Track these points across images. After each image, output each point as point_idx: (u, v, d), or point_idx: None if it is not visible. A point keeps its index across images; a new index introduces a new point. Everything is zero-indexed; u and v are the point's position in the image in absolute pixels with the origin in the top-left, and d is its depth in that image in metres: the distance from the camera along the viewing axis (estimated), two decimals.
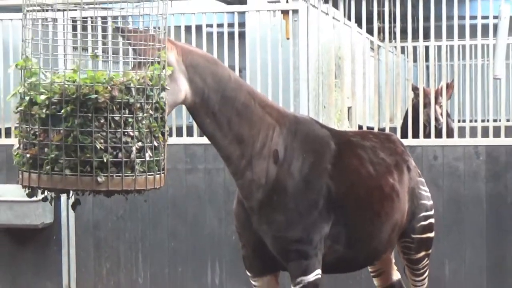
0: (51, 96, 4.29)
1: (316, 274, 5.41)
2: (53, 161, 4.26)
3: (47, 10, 4.86)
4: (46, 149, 4.27)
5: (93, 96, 4.28)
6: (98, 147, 4.25)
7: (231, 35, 8.82)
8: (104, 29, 6.07)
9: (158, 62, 4.62)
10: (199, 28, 8.69)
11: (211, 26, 8.70)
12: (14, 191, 8.71)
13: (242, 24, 8.89)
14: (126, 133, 4.35)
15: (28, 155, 4.30)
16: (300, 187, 5.39)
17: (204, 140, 5.28)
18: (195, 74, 4.95)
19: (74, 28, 5.18)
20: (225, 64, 7.12)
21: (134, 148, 4.35)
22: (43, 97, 4.29)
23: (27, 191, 4.61)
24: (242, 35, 8.82)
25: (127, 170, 4.33)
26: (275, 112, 5.49)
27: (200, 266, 8.68)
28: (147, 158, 4.41)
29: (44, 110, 4.28)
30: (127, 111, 4.35)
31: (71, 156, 4.23)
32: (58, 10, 5.06)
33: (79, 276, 8.86)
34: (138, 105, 4.38)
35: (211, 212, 8.58)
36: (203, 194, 8.50)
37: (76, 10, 5.33)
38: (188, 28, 8.65)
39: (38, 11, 4.82)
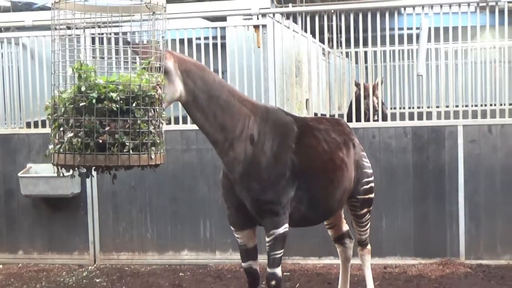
0: (119, 93, 4.39)
1: (284, 228, 5.45)
2: (122, 145, 4.38)
3: (70, 28, 4.84)
4: (117, 135, 4.35)
5: (151, 93, 4.50)
6: (153, 132, 4.54)
7: (214, 45, 8.79)
8: (116, 42, 6.06)
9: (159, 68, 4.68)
10: (190, 40, 8.64)
11: (199, 39, 8.67)
12: (49, 169, 8.66)
13: (223, 37, 8.85)
14: (159, 120, 4.63)
15: (100, 141, 4.33)
16: (271, 161, 5.42)
17: (196, 126, 5.26)
18: (187, 78, 4.99)
19: (93, 41, 5.18)
20: (211, 68, 7.13)
21: (163, 132, 4.73)
22: (114, 94, 4.37)
23: (62, 170, 4.64)
24: (223, 45, 8.79)
25: (155, 149, 4.58)
26: (250, 105, 5.51)
27: (194, 223, 8.68)
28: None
29: (115, 105, 4.35)
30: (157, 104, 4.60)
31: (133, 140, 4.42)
32: (80, 28, 5.05)
33: (101, 233, 8.84)
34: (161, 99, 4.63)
35: (202, 182, 8.58)
36: (196, 169, 8.50)
37: (93, 28, 5.31)
38: (181, 41, 8.61)
39: (64, 29, 4.81)
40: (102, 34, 5.85)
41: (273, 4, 8.93)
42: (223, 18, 8.99)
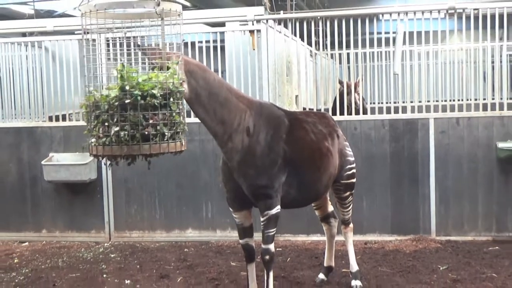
0: (158, 90, 4.51)
1: (277, 209, 5.48)
2: (162, 135, 4.54)
3: (88, 33, 4.85)
4: (159, 126, 4.49)
5: (182, 89, 4.71)
6: (182, 122, 4.75)
7: (215, 48, 8.79)
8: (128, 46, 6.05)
9: (168, 68, 4.73)
10: (193, 44, 8.64)
11: (201, 42, 8.66)
12: (69, 158, 8.75)
13: (222, 40, 8.85)
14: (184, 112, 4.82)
15: (146, 132, 4.47)
16: (265, 150, 5.43)
17: (199, 120, 5.27)
18: (191, 78, 5.00)
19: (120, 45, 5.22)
20: (211, 68, 7.11)
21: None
22: (155, 91, 4.48)
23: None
24: (222, 48, 8.78)
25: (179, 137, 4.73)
26: (246, 101, 5.53)
27: (197, 205, 8.69)
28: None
29: (156, 100, 4.47)
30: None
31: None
32: (98, 33, 5.05)
33: (115, 214, 8.84)
34: None
35: (204, 169, 8.59)
36: (198, 157, 8.50)
37: (109, 32, 5.32)
38: (185, 44, 8.60)
39: (87, 33, 4.84)
40: (128, 38, 5.90)
41: (266, 11, 8.93)
42: (222, 24, 8.98)
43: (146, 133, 4.47)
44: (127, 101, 4.42)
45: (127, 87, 4.45)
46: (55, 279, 7.04)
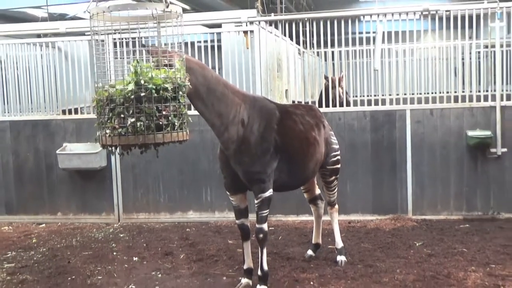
0: (169, 84, 4.53)
1: (269, 192, 5.49)
2: (181, 125, 4.64)
3: (96, 33, 4.83)
4: (170, 117, 4.53)
5: (187, 83, 4.74)
6: (187, 114, 4.77)
7: (212, 47, 8.77)
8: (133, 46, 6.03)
9: (170, 65, 4.72)
10: (192, 43, 8.61)
11: (200, 42, 8.62)
12: (81, 147, 8.74)
13: (219, 40, 8.82)
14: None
15: (160, 123, 4.49)
16: (258, 140, 5.43)
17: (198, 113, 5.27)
18: (191, 75, 4.98)
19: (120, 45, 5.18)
20: (209, 66, 7.10)
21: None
22: (168, 85, 4.52)
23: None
24: (219, 47, 8.77)
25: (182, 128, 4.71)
26: (240, 95, 5.52)
27: (198, 190, 8.69)
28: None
29: (169, 94, 4.51)
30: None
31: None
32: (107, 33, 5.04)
33: (123, 198, 8.84)
34: None
35: (203, 156, 8.58)
36: (198, 146, 8.49)
37: (116, 33, 5.29)
38: (185, 44, 8.57)
39: (96, 34, 4.83)
40: (134, 38, 5.90)
41: (258, 14, 8.90)
42: (218, 25, 8.94)
43: (160, 123, 4.49)
44: (142, 94, 4.42)
45: (142, 82, 4.46)
46: (70, 256, 7.05)
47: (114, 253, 7.14)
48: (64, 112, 9.22)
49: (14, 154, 9.10)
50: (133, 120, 4.42)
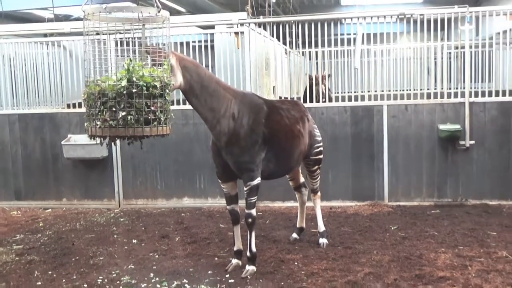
0: (158, 83, 4.57)
1: (258, 180, 5.50)
2: (164, 121, 4.64)
3: (98, 34, 4.82)
4: (157, 113, 4.56)
5: (172, 82, 4.77)
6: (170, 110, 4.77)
7: (206, 47, 8.73)
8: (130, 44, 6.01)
9: (160, 64, 4.74)
10: (187, 43, 8.57)
11: (194, 42, 8.58)
12: (85, 138, 8.62)
13: (212, 40, 8.79)
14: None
15: (148, 117, 4.52)
16: (248, 132, 5.43)
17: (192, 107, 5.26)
18: (186, 72, 4.98)
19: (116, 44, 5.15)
20: (203, 64, 7.06)
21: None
22: (157, 83, 4.55)
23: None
24: (212, 47, 8.74)
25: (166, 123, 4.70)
26: (231, 91, 5.52)
27: (192, 178, 8.68)
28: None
29: (157, 91, 4.55)
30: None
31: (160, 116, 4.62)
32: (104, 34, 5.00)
33: (123, 185, 8.81)
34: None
35: (197, 147, 8.56)
36: (192, 138, 8.47)
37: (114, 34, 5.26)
38: (181, 43, 8.53)
39: (93, 34, 4.81)
40: (122, 38, 5.85)
41: (248, 16, 8.91)
42: (212, 27, 8.90)
43: (148, 117, 4.50)
44: (134, 90, 4.43)
45: (134, 79, 4.46)
46: (74, 239, 7.02)
47: (115, 236, 7.12)
48: (68, 106, 9.21)
49: (23, 144, 9.05)
50: (124, 113, 4.44)
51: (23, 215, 8.56)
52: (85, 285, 5.36)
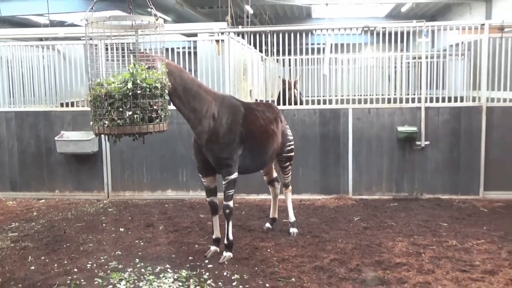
0: (158, 84, 4.62)
1: (235, 175, 5.49)
2: (164, 118, 4.68)
3: (91, 39, 4.77)
4: (159, 111, 4.62)
5: (169, 83, 4.80)
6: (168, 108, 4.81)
7: (189, 53, 8.69)
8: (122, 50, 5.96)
9: (154, 67, 4.75)
10: (172, 49, 8.52)
11: (179, 48, 8.53)
12: (77, 135, 8.59)
13: (195, 47, 8.75)
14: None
15: (152, 115, 4.57)
16: (226, 131, 5.41)
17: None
18: (170, 76, 4.95)
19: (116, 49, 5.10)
20: (186, 69, 7.02)
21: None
22: (158, 84, 4.58)
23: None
24: (195, 53, 8.69)
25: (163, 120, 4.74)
26: (212, 94, 5.50)
27: (175, 172, 8.63)
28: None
29: (159, 91, 4.61)
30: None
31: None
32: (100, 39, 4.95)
33: (112, 178, 8.72)
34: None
35: (180, 145, 8.51)
36: (176, 136, 8.41)
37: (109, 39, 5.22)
38: (167, 50, 8.47)
39: (90, 39, 4.78)
40: (124, 44, 5.83)
41: (228, 26, 8.86)
42: (195, 34, 8.85)
43: (152, 116, 4.57)
44: (138, 91, 4.49)
45: (138, 81, 4.51)
46: (65, 227, 6.92)
47: (104, 225, 7.04)
48: (62, 105, 9.09)
49: (19, 140, 8.88)
50: (130, 113, 4.49)
51: (18, 205, 8.40)
52: (76, 270, 5.29)
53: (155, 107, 4.58)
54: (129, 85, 4.48)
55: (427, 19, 9.25)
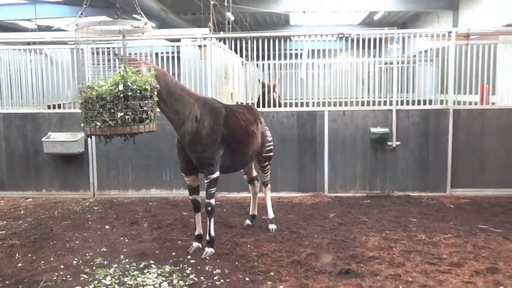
0: (148, 86, 4.58)
1: (217, 174, 5.47)
2: (154, 118, 4.63)
3: (76, 43, 4.72)
4: (149, 112, 4.58)
5: (158, 86, 4.77)
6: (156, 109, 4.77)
7: (173, 57, 8.62)
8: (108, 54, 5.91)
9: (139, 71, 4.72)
10: (157, 54, 8.45)
11: (163, 53, 8.48)
12: (63, 136, 8.46)
13: (178, 52, 8.69)
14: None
15: (143, 116, 4.53)
16: (209, 132, 5.39)
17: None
18: (155, 79, 4.87)
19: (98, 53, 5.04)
20: (170, 72, 6.98)
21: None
22: (148, 86, 4.55)
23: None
24: (178, 57, 8.63)
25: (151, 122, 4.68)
26: (194, 97, 5.47)
27: (159, 171, 8.56)
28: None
29: (149, 93, 4.57)
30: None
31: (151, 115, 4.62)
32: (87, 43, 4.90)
33: (98, 177, 8.61)
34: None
35: (164, 145, 8.44)
36: (160, 136, 8.32)
37: (95, 43, 5.16)
38: (152, 54, 8.39)
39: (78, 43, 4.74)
40: (110, 48, 5.75)
41: (210, 31, 8.83)
42: (178, 40, 8.80)
43: (142, 116, 4.54)
44: (129, 93, 4.45)
45: (129, 83, 4.47)
46: (52, 225, 6.82)
47: (89, 223, 6.95)
48: (49, 106, 8.93)
49: (6, 140, 8.72)
50: (121, 114, 4.45)
51: (6, 204, 8.25)
52: (62, 266, 5.21)
53: (145, 108, 4.55)
54: (120, 87, 4.45)
55: (398, 27, 9.34)
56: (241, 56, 9.08)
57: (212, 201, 5.53)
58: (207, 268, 5.09)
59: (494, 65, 8.65)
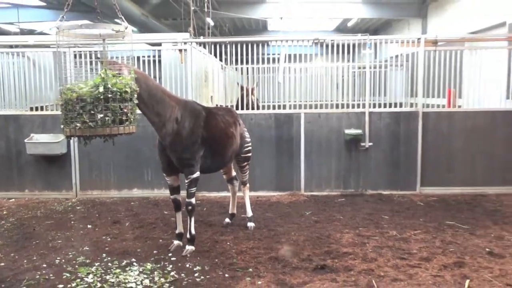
0: (128, 89, 4.56)
1: (197, 174, 5.45)
2: (133, 120, 4.61)
3: (57, 46, 4.68)
4: (128, 114, 4.56)
5: (137, 88, 4.73)
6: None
7: (154, 61, 8.56)
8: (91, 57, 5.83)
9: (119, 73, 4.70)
10: (138, 58, 8.38)
11: (144, 57, 8.41)
12: (46, 137, 8.31)
13: (159, 56, 8.63)
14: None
15: (123, 118, 4.49)
16: (189, 133, 5.37)
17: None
18: (136, 83, 4.85)
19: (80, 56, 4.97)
20: (151, 76, 6.92)
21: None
22: (128, 89, 4.51)
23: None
24: (159, 61, 8.57)
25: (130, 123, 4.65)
26: (175, 99, 5.44)
27: (140, 172, 8.48)
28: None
29: (129, 95, 4.55)
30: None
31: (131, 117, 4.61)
32: (69, 47, 4.83)
33: (80, 178, 8.48)
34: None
35: (145, 146, 8.36)
36: (142, 137, 8.23)
37: (77, 46, 5.10)
38: (133, 58, 8.31)
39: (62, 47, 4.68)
40: (92, 51, 5.68)
41: (191, 36, 8.79)
42: (159, 44, 8.74)
43: (122, 118, 4.51)
44: (109, 95, 4.41)
45: (109, 85, 4.43)
46: (35, 225, 6.69)
47: (72, 222, 6.84)
48: (31, 108, 8.76)
49: None
50: (101, 115, 4.40)
51: None
52: (44, 265, 5.12)
53: (125, 110, 4.51)
54: (101, 89, 4.41)
55: (370, 33, 9.46)
56: (221, 60, 9.06)
57: (193, 200, 5.50)
58: (187, 265, 5.06)
59: (460, 70, 8.82)
